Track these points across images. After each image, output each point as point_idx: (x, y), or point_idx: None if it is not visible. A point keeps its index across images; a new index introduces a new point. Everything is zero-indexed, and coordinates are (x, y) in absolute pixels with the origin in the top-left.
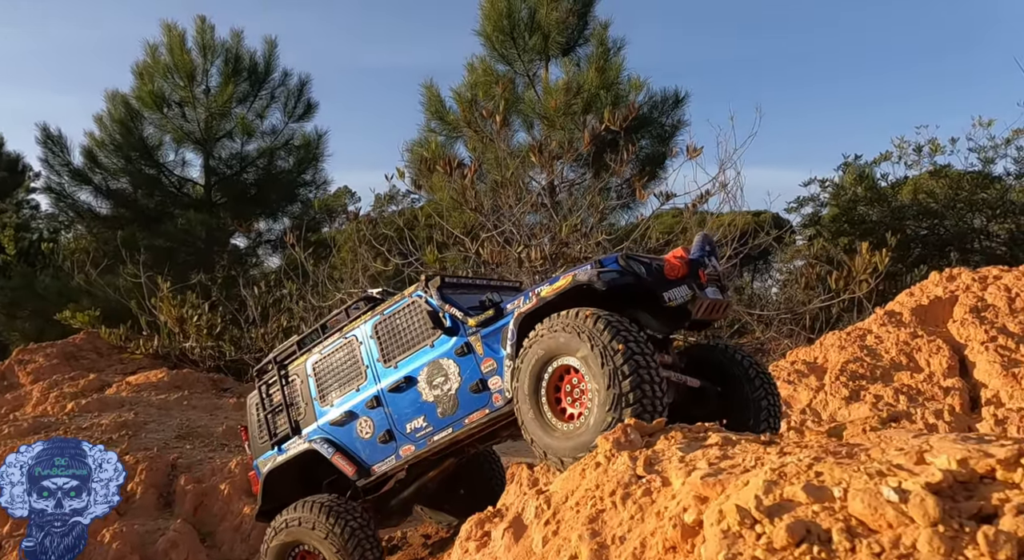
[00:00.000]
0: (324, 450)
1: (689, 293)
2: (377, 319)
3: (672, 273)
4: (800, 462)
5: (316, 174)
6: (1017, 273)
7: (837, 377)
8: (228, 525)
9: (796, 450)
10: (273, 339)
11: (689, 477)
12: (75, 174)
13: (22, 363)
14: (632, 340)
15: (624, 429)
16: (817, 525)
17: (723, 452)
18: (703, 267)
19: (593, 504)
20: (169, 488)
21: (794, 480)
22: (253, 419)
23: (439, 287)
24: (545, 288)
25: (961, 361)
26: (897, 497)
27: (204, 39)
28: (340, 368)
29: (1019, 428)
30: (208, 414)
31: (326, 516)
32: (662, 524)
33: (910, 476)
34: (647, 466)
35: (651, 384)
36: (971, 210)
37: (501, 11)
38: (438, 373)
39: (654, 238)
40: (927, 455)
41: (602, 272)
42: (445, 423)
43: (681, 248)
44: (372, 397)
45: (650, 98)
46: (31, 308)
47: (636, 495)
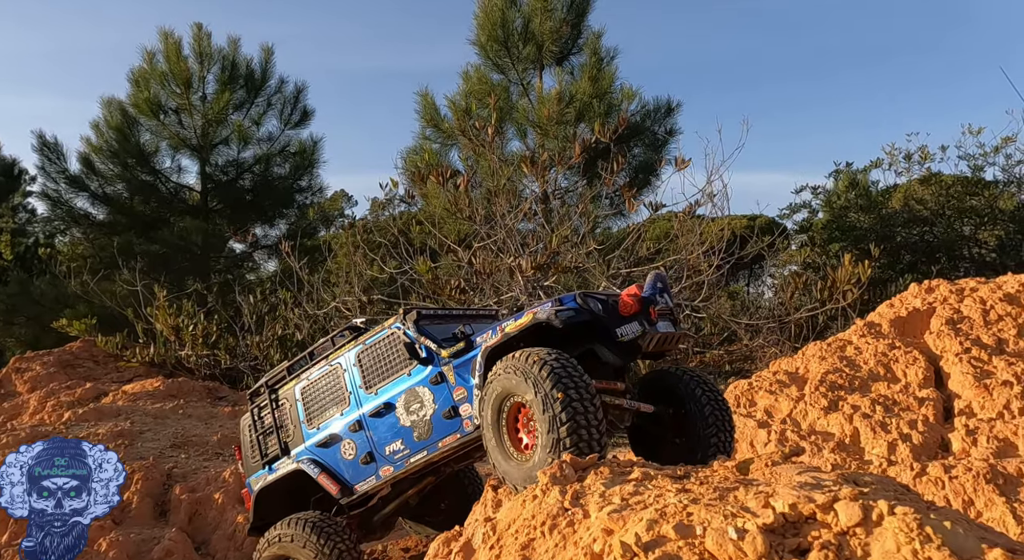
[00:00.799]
0: (310, 470)
1: (639, 329)
2: (360, 348)
3: (625, 310)
4: (679, 503)
5: (312, 180)
6: (993, 286)
7: (817, 388)
8: (222, 534)
9: (695, 486)
10: (268, 347)
11: (600, 512)
12: (72, 181)
13: (19, 371)
14: (572, 387)
15: (560, 465)
16: (678, 557)
17: (636, 488)
18: (654, 304)
19: (528, 532)
20: (164, 497)
21: (671, 519)
22: (246, 440)
23: (415, 320)
24: (510, 324)
25: (936, 372)
26: (736, 535)
27: (201, 46)
28: (326, 393)
29: (988, 438)
30: (203, 423)
31: (314, 534)
32: (577, 552)
33: (752, 517)
34: (573, 500)
35: (588, 428)
36: (960, 217)
37: (495, 21)
38: (414, 400)
39: (646, 247)
40: (771, 499)
41: (559, 311)
42: (421, 446)
43: (635, 286)
44: (355, 421)
45: (643, 107)
46: (27, 314)
47: (561, 526)
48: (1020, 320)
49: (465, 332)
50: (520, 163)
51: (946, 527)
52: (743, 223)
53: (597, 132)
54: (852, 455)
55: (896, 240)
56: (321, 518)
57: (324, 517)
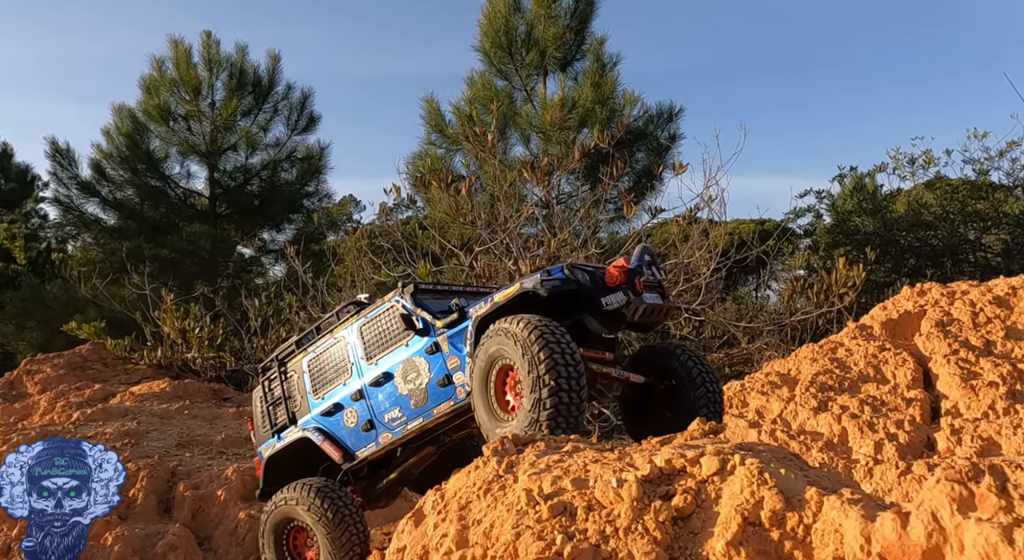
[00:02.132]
0: (315, 438)
1: (624, 299)
2: (362, 322)
3: (611, 281)
4: (583, 463)
5: (319, 186)
6: (983, 289)
7: (807, 388)
8: (224, 529)
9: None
10: (272, 349)
11: (524, 475)
12: (83, 186)
13: (30, 373)
14: (558, 351)
15: (502, 441)
16: (571, 504)
17: (562, 457)
18: (639, 275)
19: (467, 497)
20: (169, 494)
21: (571, 475)
22: (257, 410)
23: (412, 293)
24: (499, 295)
25: (925, 373)
26: (617, 484)
27: (210, 54)
28: (330, 365)
29: (972, 437)
30: (208, 423)
31: (317, 497)
32: (502, 509)
33: (634, 470)
34: (507, 468)
35: (569, 392)
36: (965, 222)
37: (499, 28)
38: (411, 369)
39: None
40: (653, 457)
41: (546, 280)
42: (417, 413)
43: (622, 258)
44: (356, 391)
45: (645, 112)
46: (39, 318)
47: (494, 490)
48: (1008, 322)
49: (460, 304)
50: (522, 168)
51: (781, 473)
52: (751, 227)
53: (596, 138)
54: (840, 454)
55: (901, 244)
56: (325, 482)
57: (327, 482)
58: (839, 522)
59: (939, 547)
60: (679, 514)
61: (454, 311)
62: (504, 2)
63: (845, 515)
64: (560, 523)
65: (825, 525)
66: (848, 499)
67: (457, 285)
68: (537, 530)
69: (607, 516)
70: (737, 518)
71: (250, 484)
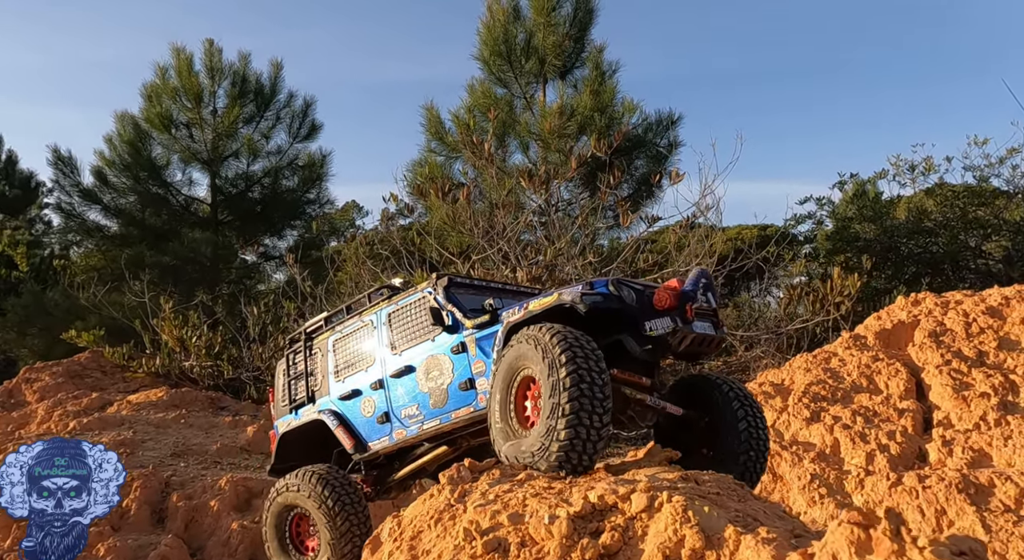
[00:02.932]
0: (330, 421)
1: (671, 325)
2: (392, 308)
3: (659, 303)
4: (523, 497)
5: (320, 193)
6: (977, 299)
7: (800, 398)
8: (217, 540)
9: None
10: (270, 358)
11: (472, 506)
12: (85, 194)
13: (29, 381)
14: (581, 356)
15: (458, 468)
16: (505, 540)
17: (512, 487)
18: (692, 301)
19: (418, 526)
20: (162, 504)
21: (509, 510)
22: (279, 382)
23: (446, 286)
24: (534, 302)
25: (918, 384)
26: (549, 521)
27: (212, 62)
28: (354, 348)
29: (963, 448)
30: (204, 432)
31: (320, 485)
32: (448, 542)
33: (568, 507)
34: (459, 497)
35: (588, 428)
36: (966, 229)
37: (497, 37)
38: (435, 367)
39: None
40: (588, 493)
41: (586, 294)
42: (435, 414)
43: (676, 280)
44: (377, 380)
45: (644, 120)
46: (40, 325)
47: (444, 519)
48: (1001, 333)
49: (493, 305)
50: (519, 176)
51: (704, 511)
52: (753, 233)
53: (593, 146)
54: (832, 465)
55: (901, 252)
56: (329, 470)
57: (332, 470)
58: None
59: None
60: (606, 551)
61: (487, 311)
62: (503, 11)
63: (758, 554)
64: (493, 559)
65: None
66: (763, 538)
67: (495, 283)
68: None
69: (537, 552)
70: (658, 556)
71: (243, 494)
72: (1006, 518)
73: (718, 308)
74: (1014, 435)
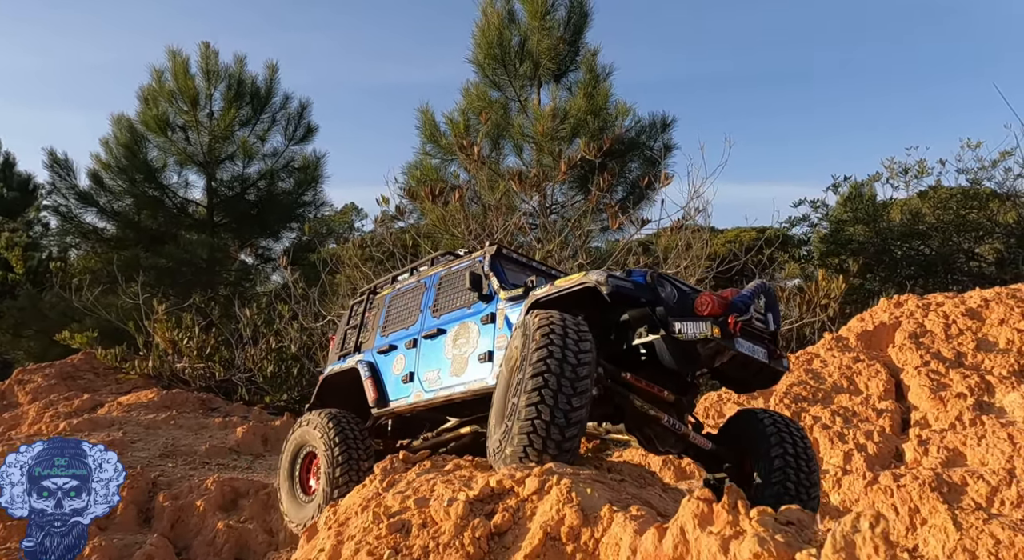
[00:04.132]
0: (363, 371)
1: (703, 332)
2: (444, 272)
3: (700, 307)
4: (429, 482)
5: (316, 195)
6: (957, 301)
7: (781, 399)
8: (202, 540)
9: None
10: (262, 360)
11: (392, 493)
12: (81, 197)
13: (21, 383)
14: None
15: (391, 459)
16: (409, 521)
17: (435, 475)
18: (740, 313)
19: (350, 513)
20: (149, 504)
21: (417, 494)
22: (340, 331)
23: (494, 255)
24: (563, 279)
25: (897, 384)
26: (448, 504)
27: (208, 65)
28: (404, 306)
29: (939, 448)
30: (194, 433)
31: (330, 422)
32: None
33: (467, 491)
34: (387, 486)
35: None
36: (959, 231)
37: (492, 40)
38: (463, 334)
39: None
40: (490, 478)
41: (614, 277)
42: (451, 382)
43: (731, 289)
44: (412, 339)
45: (637, 122)
46: (36, 327)
47: (372, 506)
48: (980, 334)
49: (532, 282)
50: (510, 179)
51: (587, 493)
52: (751, 235)
53: (583, 149)
54: None
55: (895, 254)
56: (342, 413)
57: (347, 414)
58: (620, 536)
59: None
60: (496, 530)
61: (523, 287)
62: (498, 14)
63: (624, 530)
64: (394, 539)
65: (610, 539)
66: (632, 516)
67: (544, 265)
68: (372, 546)
69: (435, 532)
70: (540, 533)
71: (229, 494)
72: (977, 516)
73: (777, 332)
74: (988, 435)
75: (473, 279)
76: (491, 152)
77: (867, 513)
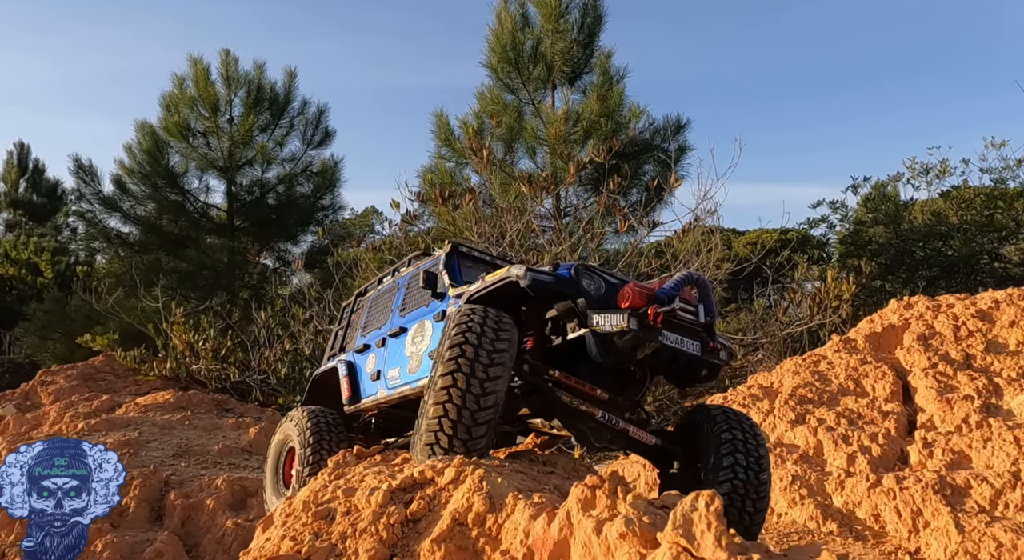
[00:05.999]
0: (341, 370)
1: (621, 324)
2: (414, 272)
3: (621, 299)
4: (362, 473)
5: (333, 199)
6: (968, 302)
7: (786, 401)
8: (212, 537)
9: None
10: (276, 362)
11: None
12: (105, 202)
13: (44, 384)
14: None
15: (344, 453)
16: (334, 509)
17: (380, 468)
18: (660, 304)
19: (299, 506)
20: (161, 503)
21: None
22: (333, 331)
23: (449, 253)
24: (490, 275)
25: (905, 387)
26: (370, 493)
27: (228, 71)
28: (380, 307)
29: (944, 450)
30: (207, 433)
31: (306, 417)
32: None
33: (390, 481)
34: (336, 477)
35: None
36: (982, 232)
37: (505, 44)
38: (419, 332)
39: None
40: (414, 469)
41: (532, 271)
42: (408, 379)
43: (659, 280)
44: (382, 338)
45: (651, 125)
46: (62, 330)
47: (317, 497)
48: (990, 336)
49: (484, 279)
50: (521, 182)
51: (497, 482)
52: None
53: (591, 152)
54: (814, 467)
55: (916, 256)
56: (321, 410)
57: (325, 410)
58: (519, 521)
59: (566, 538)
60: (412, 517)
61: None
62: (511, 18)
63: (522, 514)
64: (318, 526)
65: (511, 523)
66: (533, 502)
67: (501, 259)
68: (297, 532)
69: (355, 519)
70: (448, 519)
71: (239, 493)
72: (979, 519)
73: (712, 324)
74: (994, 437)
75: (427, 277)
76: (505, 155)
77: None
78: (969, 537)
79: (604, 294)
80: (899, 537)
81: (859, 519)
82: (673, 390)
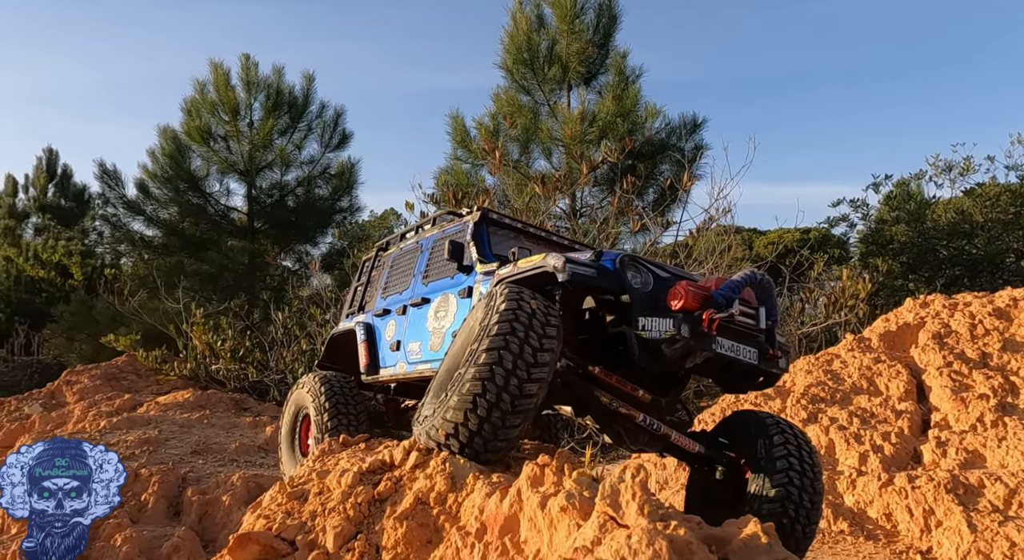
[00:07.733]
0: (359, 334)
1: (670, 331)
2: (439, 235)
3: (673, 300)
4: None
5: (352, 201)
6: (985, 300)
7: (799, 400)
8: (228, 532)
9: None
10: (292, 362)
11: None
12: (129, 206)
13: (69, 384)
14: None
15: (330, 442)
16: (307, 490)
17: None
18: (717, 308)
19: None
20: (178, 499)
21: (324, 468)
22: (352, 286)
23: (477, 221)
24: (524, 260)
25: (919, 385)
26: (340, 475)
27: (248, 76)
28: (402, 268)
29: (958, 450)
30: (225, 431)
31: (321, 385)
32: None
33: (361, 463)
34: (322, 462)
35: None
36: (1008, 230)
37: (520, 45)
38: (443, 306)
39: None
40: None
41: (576, 263)
42: (429, 357)
43: (714, 279)
44: (403, 305)
45: (667, 124)
46: (88, 332)
47: (304, 482)
48: (1007, 334)
49: (515, 254)
50: (533, 183)
51: (459, 463)
52: (795, 236)
53: (604, 152)
54: (825, 466)
55: (940, 254)
56: (336, 375)
57: (338, 376)
58: (476, 499)
59: (516, 513)
60: (378, 496)
61: (503, 260)
62: (526, 20)
63: (479, 493)
64: (291, 505)
65: (470, 502)
66: (491, 482)
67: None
68: (271, 512)
69: (325, 499)
70: (411, 498)
71: (254, 490)
72: (992, 518)
73: (774, 329)
74: (1009, 436)
75: (453, 248)
76: (520, 156)
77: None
78: (982, 536)
79: (652, 290)
80: (911, 536)
81: (870, 518)
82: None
